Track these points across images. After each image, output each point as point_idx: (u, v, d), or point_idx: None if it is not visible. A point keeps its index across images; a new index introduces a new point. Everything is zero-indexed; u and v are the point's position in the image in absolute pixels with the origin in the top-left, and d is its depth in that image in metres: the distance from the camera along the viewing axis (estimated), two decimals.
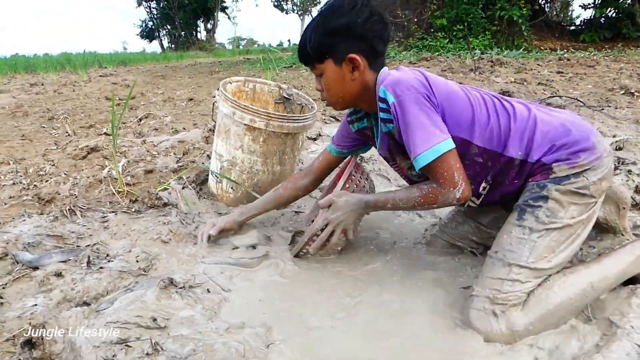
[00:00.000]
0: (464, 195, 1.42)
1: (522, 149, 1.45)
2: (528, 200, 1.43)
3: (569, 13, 15.55)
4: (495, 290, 1.36)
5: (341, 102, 1.64)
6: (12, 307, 1.48)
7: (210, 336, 1.31)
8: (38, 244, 1.89)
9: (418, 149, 1.39)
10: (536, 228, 1.38)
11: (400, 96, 1.40)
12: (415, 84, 1.41)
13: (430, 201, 1.46)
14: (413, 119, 1.38)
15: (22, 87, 8.66)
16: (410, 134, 1.40)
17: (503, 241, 1.44)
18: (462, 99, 1.47)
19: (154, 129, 4.26)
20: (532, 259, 1.36)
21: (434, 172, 1.41)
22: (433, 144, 1.37)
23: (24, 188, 2.62)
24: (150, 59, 21.71)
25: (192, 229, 2.05)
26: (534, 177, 1.46)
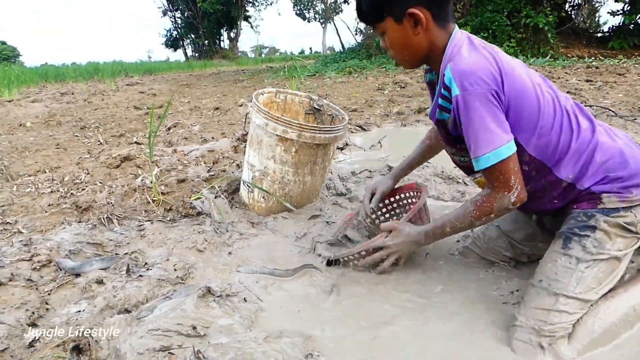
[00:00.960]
0: (519, 199, 1.36)
1: (574, 172, 1.39)
2: (574, 228, 1.38)
3: (596, 20, 15.31)
4: (541, 322, 1.31)
5: (408, 60, 1.53)
6: (57, 312, 1.53)
7: (249, 345, 1.34)
8: (79, 251, 1.95)
9: (480, 150, 1.32)
10: (584, 258, 1.34)
11: (467, 90, 1.29)
12: (486, 77, 1.30)
13: (487, 211, 1.41)
14: (478, 117, 1.30)
15: (53, 97, 8.91)
16: (473, 132, 1.32)
17: (547, 270, 1.39)
18: (531, 100, 1.36)
19: (184, 138, 4.35)
20: (579, 289, 1.32)
21: (492, 175, 1.35)
22: (496, 146, 1.30)
23: (62, 196, 2.70)
24: (175, 68, 22.12)
25: (226, 238, 2.09)
26: (580, 203, 1.41)
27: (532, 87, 1.38)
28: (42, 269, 1.79)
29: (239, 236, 2.13)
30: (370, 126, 4.82)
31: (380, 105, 6.07)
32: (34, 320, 1.46)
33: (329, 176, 2.80)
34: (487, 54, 1.37)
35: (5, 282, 1.62)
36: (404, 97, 6.61)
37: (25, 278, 1.69)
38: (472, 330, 1.44)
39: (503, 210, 1.40)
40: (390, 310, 1.56)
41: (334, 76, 10.70)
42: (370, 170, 3.08)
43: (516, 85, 1.34)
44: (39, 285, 1.68)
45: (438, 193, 2.68)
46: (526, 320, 1.34)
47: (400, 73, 9.64)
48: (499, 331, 1.42)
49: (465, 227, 1.50)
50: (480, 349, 1.36)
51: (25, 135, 4.87)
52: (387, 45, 1.51)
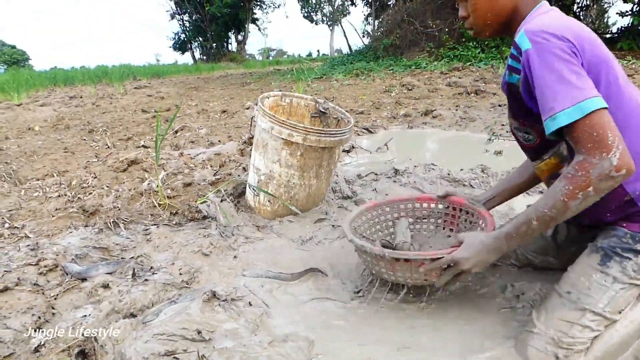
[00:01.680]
0: (623, 162, 1.08)
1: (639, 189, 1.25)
2: (616, 247, 1.29)
3: (605, 21, 15.20)
4: (562, 333, 1.27)
5: (489, 26, 1.41)
6: (63, 317, 1.54)
7: (254, 349, 1.34)
8: (85, 255, 1.96)
9: (558, 104, 1.12)
10: (621, 279, 1.26)
11: (540, 44, 1.16)
12: (562, 34, 1.16)
13: (583, 184, 1.11)
14: (554, 71, 1.13)
15: (62, 100, 8.98)
16: (548, 88, 1.14)
17: (579, 283, 1.31)
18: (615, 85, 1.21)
19: (190, 142, 4.37)
20: (609, 308, 1.26)
21: (579, 134, 1.11)
22: (579, 99, 1.10)
23: (69, 200, 2.71)
24: (183, 71, 22.23)
25: (232, 242, 2.09)
26: (630, 223, 1.30)
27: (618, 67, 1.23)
28: (49, 273, 1.79)
29: (245, 240, 2.13)
30: (376, 128, 4.81)
31: (387, 108, 6.06)
32: (40, 325, 1.47)
33: (334, 179, 2.79)
34: (573, 21, 1.25)
35: (11, 287, 1.63)
36: (410, 99, 6.59)
37: (32, 282, 1.70)
38: (477, 333, 1.43)
39: (604, 178, 1.09)
40: (394, 315, 1.55)
41: (341, 78, 10.70)
42: (376, 172, 3.07)
43: (600, 53, 1.20)
44: (45, 290, 1.68)
45: None
46: (546, 329, 1.30)
47: (408, 75, 9.63)
48: (504, 335, 1.41)
49: (559, 213, 1.18)
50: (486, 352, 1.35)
51: (34, 139, 4.91)
52: (467, 12, 1.42)
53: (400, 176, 2.94)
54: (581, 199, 1.13)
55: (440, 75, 9.02)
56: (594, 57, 1.18)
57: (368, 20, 21.87)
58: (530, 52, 1.17)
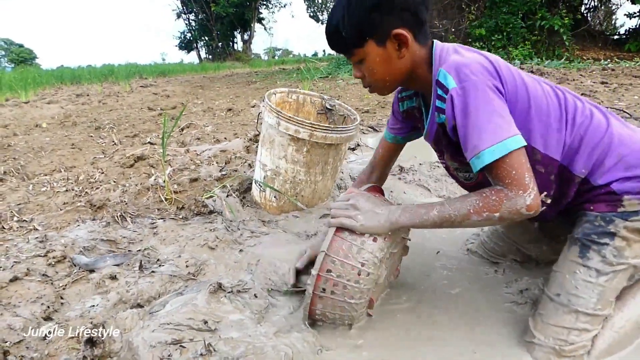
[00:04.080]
0: (535, 203, 1.14)
1: (587, 167, 1.27)
2: (591, 234, 1.28)
3: (612, 22, 15.15)
4: (562, 341, 1.26)
5: (388, 86, 1.41)
6: (72, 307, 1.56)
7: (259, 339, 1.35)
8: (93, 248, 1.98)
9: (483, 143, 1.15)
10: (604, 270, 1.25)
11: (465, 82, 1.18)
12: (483, 68, 1.20)
13: (493, 208, 1.16)
14: (478, 109, 1.16)
15: (69, 98, 9.03)
16: (473, 126, 1.17)
17: (566, 283, 1.30)
18: (533, 94, 1.27)
19: (196, 139, 4.39)
20: (599, 305, 1.26)
21: (500, 172, 1.16)
22: (502, 138, 1.14)
23: (77, 195, 2.74)
24: (189, 70, 22.29)
25: (237, 236, 2.11)
26: (596, 204, 1.29)
27: (529, 82, 1.30)
28: (57, 264, 1.82)
29: (250, 234, 2.15)
30: (382, 127, 4.81)
31: None
32: (49, 314, 1.49)
33: (340, 176, 2.81)
34: (478, 52, 1.31)
35: (21, 277, 1.66)
36: None
37: (41, 273, 1.73)
38: (481, 330, 1.45)
39: (513, 212, 1.15)
40: (398, 309, 1.56)
41: (347, 78, 10.70)
42: None
43: (513, 79, 1.26)
44: (54, 280, 1.71)
45: (449, 193, 2.67)
46: (545, 338, 1.29)
47: None
48: (508, 332, 1.42)
49: (458, 219, 1.21)
50: (491, 348, 1.36)
51: (41, 136, 4.94)
52: (364, 73, 1.38)
53: (405, 174, 2.95)
54: (484, 218, 1.18)
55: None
56: (511, 85, 1.24)
57: None
58: (456, 90, 1.19)
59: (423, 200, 2.60)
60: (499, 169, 1.16)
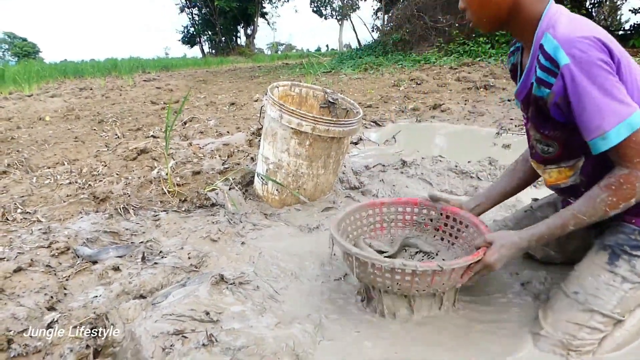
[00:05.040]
0: None
1: None
2: (624, 245, 1.28)
3: (617, 17, 15.05)
4: (570, 336, 1.26)
5: (486, 21, 1.34)
6: (75, 297, 1.57)
7: (261, 330, 1.36)
8: (96, 239, 1.99)
9: (607, 123, 1.11)
10: (630, 279, 1.25)
11: (580, 58, 1.12)
12: (598, 43, 1.13)
13: (628, 195, 1.16)
14: (597, 87, 1.11)
15: (72, 92, 9.05)
16: (593, 105, 1.12)
17: (587, 284, 1.29)
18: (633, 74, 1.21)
19: (199, 132, 4.40)
20: (619, 309, 1.25)
21: (628, 151, 1.13)
22: (626, 115, 1.10)
23: (80, 187, 2.75)
24: (192, 64, 22.25)
25: (240, 229, 2.12)
26: (638, 218, 1.28)
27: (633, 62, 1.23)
28: (61, 255, 1.83)
29: (252, 227, 2.16)
30: (384, 122, 4.81)
31: (395, 102, 6.05)
32: (53, 304, 1.50)
33: (342, 170, 2.81)
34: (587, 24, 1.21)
35: (25, 268, 1.67)
36: (419, 94, 6.58)
37: (45, 264, 1.74)
38: (481, 321, 1.45)
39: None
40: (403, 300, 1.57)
41: (350, 73, 10.68)
42: (384, 164, 3.08)
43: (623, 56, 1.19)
44: (57, 271, 1.72)
45: (451, 187, 2.67)
46: (554, 331, 1.29)
47: (416, 70, 9.60)
48: (510, 324, 1.43)
49: (597, 219, 1.23)
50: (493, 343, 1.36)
51: (45, 129, 4.96)
52: (465, 4, 1.34)
53: (408, 168, 2.95)
54: (622, 207, 1.18)
55: (449, 70, 8.98)
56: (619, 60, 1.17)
57: (377, 14, 21.78)
58: (570, 67, 1.14)
59: (425, 194, 2.60)
60: (626, 149, 1.13)
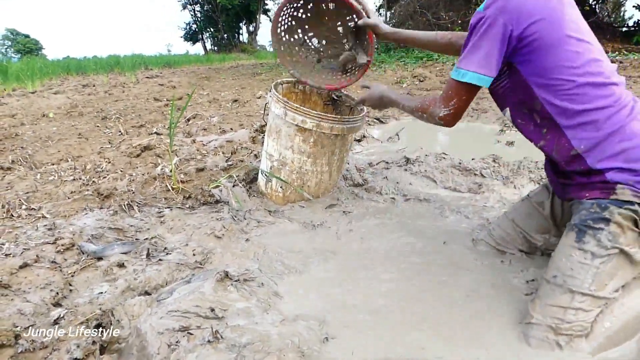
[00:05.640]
0: (445, 120, 1.53)
1: (587, 146, 1.35)
2: (587, 220, 1.34)
3: (621, 14, 14.98)
4: (558, 320, 1.30)
5: None
6: (80, 293, 1.58)
7: (266, 327, 1.36)
8: (100, 236, 2.00)
9: (461, 62, 1.43)
10: (598, 253, 1.30)
11: (488, 10, 1.37)
12: (511, 6, 1.32)
13: (424, 109, 1.61)
14: (479, 38, 1.38)
15: (75, 88, 9.05)
16: (468, 44, 1.42)
17: (562, 265, 1.35)
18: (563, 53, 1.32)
19: (202, 129, 4.40)
20: (594, 286, 1.29)
21: (447, 86, 1.50)
22: (471, 69, 1.40)
23: (84, 184, 2.76)
24: (194, 61, 22.22)
25: (244, 226, 2.12)
26: (592, 192, 1.36)
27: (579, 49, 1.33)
28: (66, 252, 1.84)
29: (257, 224, 2.16)
30: (387, 119, 4.81)
31: None
32: (58, 300, 1.51)
33: (346, 167, 2.81)
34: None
35: (30, 264, 1.67)
36: (422, 91, 6.57)
37: (50, 260, 1.74)
38: (486, 319, 1.45)
39: (432, 118, 1.58)
40: (404, 297, 1.57)
41: None
42: (387, 161, 3.08)
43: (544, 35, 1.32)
44: (62, 267, 1.72)
45: (455, 185, 2.67)
46: (543, 318, 1.33)
47: (419, 67, 9.58)
48: (514, 320, 1.43)
49: (408, 111, 1.74)
50: (496, 338, 1.37)
51: (48, 125, 4.96)
52: None
53: (412, 165, 2.95)
54: (419, 115, 1.66)
55: (452, 67, 8.95)
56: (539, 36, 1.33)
57: (380, 11, 21.72)
58: (478, 14, 1.40)
59: (428, 191, 2.61)
60: (448, 84, 1.50)
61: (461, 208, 2.31)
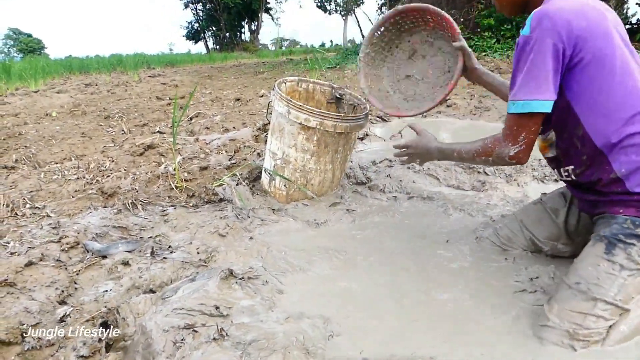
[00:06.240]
0: (517, 157, 1.41)
1: (628, 169, 1.33)
2: (619, 234, 1.32)
3: (624, 11, 14.93)
4: (577, 325, 1.28)
5: (506, 6, 1.60)
6: (85, 291, 1.59)
7: (271, 325, 1.37)
8: (105, 234, 2.00)
9: (517, 94, 1.35)
10: (628, 266, 1.29)
11: (534, 32, 1.30)
12: (560, 26, 1.28)
13: (487, 152, 1.49)
14: (530, 61, 1.31)
15: (78, 88, 9.07)
16: (519, 74, 1.35)
17: (587, 274, 1.33)
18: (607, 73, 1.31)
19: (205, 128, 4.40)
20: (620, 297, 1.27)
21: (509, 122, 1.40)
22: (532, 97, 1.32)
23: (88, 182, 2.76)
24: (196, 60, 22.26)
25: (247, 224, 2.13)
26: (628, 209, 1.35)
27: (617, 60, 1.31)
28: (70, 250, 1.84)
29: (260, 222, 2.16)
30: (390, 117, 4.80)
31: None
32: (64, 298, 1.52)
33: (349, 165, 2.81)
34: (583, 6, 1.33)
35: (36, 262, 1.68)
36: None
37: (55, 258, 1.75)
38: (489, 317, 1.45)
39: (501, 159, 1.46)
40: (408, 295, 1.57)
41: (355, 68, 10.66)
42: (390, 159, 3.08)
43: (596, 51, 1.30)
44: (67, 266, 1.73)
45: (458, 182, 2.67)
46: (560, 322, 1.31)
47: None
48: (518, 317, 1.43)
49: (468, 159, 1.62)
50: (499, 336, 1.37)
51: (52, 125, 4.98)
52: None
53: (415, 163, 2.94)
54: (482, 159, 1.53)
55: None
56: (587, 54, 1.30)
57: (382, 9, 21.72)
58: (522, 37, 1.34)
59: (431, 189, 2.61)
60: (509, 119, 1.40)
61: (465, 206, 2.31)
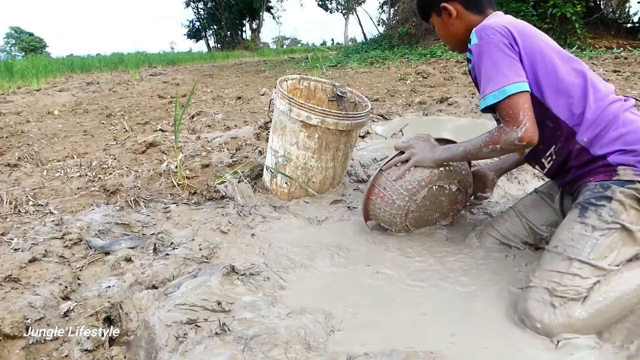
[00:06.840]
0: (527, 135, 1.45)
1: (589, 136, 1.48)
2: (590, 199, 1.43)
3: (625, 10, 14.90)
4: (555, 283, 1.36)
5: (452, 44, 1.82)
6: (89, 287, 1.60)
7: (272, 320, 1.38)
8: (107, 231, 2.02)
9: (488, 89, 1.48)
10: (599, 226, 1.38)
11: (483, 39, 1.49)
12: (501, 30, 1.48)
13: (495, 141, 1.53)
14: (490, 61, 1.48)
15: (79, 86, 9.09)
16: (484, 75, 1.50)
17: (564, 236, 1.43)
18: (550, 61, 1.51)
19: (207, 126, 4.42)
20: (593, 255, 1.35)
21: (501, 111, 1.48)
22: (503, 85, 1.44)
23: (90, 180, 2.78)
24: (197, 59, 22.30)
25: (249, 221, 2.14)
26: (595, 176, 1.48)
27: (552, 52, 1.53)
28: (74, 246, 1.85)
29: (262, 219, 2.18)
30: (391, 115, 4.81)
31: (402, 95, 6.05)
32: (67, 294, 1.53)
33: (350, 163, 2.82)
34: (511, 20, 1.59)
35: (39, 258, 1.69)
36: (426, 87, 6.57)
37: (58, 255, 1.76)
38: (489, 313, 1.46)
39: (510, 144, 1.49)
40: (409, 291, 1.58)
41: (356, 67, 10.67)
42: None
43: (533, 45, 1.51)
44: (71, 262, 1.74)
45: None
46: (540, 281, 1.39)
47: (423, 63, 9.58)
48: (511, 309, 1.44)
49: (475, 152, 1.64)
50: (499, 333, 1.38)
51: (54, 123, 4.99)
52: (441, 38, 1.85)
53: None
54: (491, 148, 1.56)
55: (455, 64, 8.96)
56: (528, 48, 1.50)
57: (383, 8, 21.71)
58: (475, 46, 1.52)
59: None
60: (500, 109, 1.49)
61: None
